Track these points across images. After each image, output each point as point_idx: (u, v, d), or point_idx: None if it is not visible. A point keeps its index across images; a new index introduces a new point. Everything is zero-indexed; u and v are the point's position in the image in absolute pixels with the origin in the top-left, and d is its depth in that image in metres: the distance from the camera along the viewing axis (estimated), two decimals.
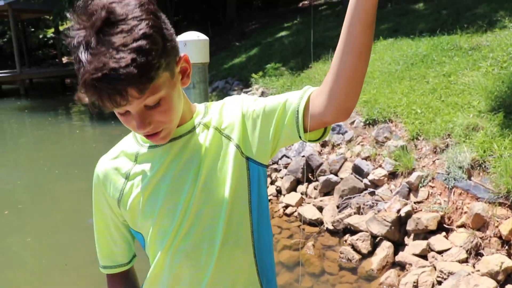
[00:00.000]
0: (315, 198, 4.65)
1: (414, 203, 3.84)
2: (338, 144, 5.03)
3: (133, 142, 1.08)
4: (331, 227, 4.13)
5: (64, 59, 29.29)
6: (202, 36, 2.50)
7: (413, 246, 3.51)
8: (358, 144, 4.86)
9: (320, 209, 4.41)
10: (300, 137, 0.99)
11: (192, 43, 2.39)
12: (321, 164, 4.80)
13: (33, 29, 34.30)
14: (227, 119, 1.04)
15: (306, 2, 20.81)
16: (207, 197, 1.00)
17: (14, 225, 5.22)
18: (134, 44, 0.78)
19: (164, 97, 0.89)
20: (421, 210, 3.73)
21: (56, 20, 20.42)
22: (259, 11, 22.52)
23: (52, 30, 30.33)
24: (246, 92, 8.89)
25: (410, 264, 3.39)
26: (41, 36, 34.96)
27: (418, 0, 11.65)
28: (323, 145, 5.22)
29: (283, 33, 13.52)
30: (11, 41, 25.70)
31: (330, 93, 0.93)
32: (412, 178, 3.95)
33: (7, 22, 26.97)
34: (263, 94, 8.17)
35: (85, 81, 0.79)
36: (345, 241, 3.94)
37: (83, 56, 0.79)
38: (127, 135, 1.12)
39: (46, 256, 4.38)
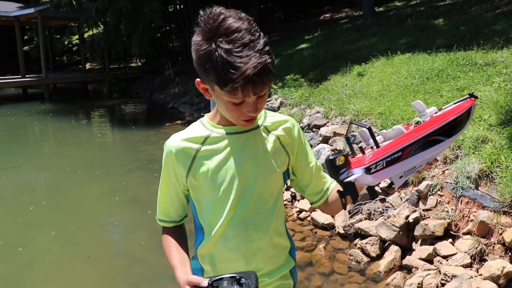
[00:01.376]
0: None
1: (423, 210, 3.99)
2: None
3: (202, 128, 1.35)
4: (342, 231, 4.30)
5: (87, 66, 29.99)
6: None
7: (419, 250, 3.66)
8: None
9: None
10: (313, 202, 1.46)
11: None
12: None
13: (58, 36, 35.20)
14: (288, 139, 1.37)
15: (327, 15, 21.04)
16: (268, 184, 1.32)
17: (40, 220, 5.50)
18: (266, 49, 1.12)
19: (267, 90, 1.21)
20: (429, 217, 3.88)
21: (82, 28, 21.00)
22: (280, 23, 22.81)
23: (77, 37, 31.09)
24: (266, 102, 9.10)
25: (416, 268, 3.54)
26: (66, 43, 35.84)
27: (438, 15, 11.77)
28: None
29: (303, 45, 13.76)
30: (37, 47, 26.49)
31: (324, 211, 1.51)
32: (422, 186, 4.10)
33: (35, 29, 27.85)
34: (281, 104, 8.39)
35: (247, 74, 1.08)
36: (355, 244, 4.10)
37: (230, 57, 1.08)
38: (194, 123, 1.39)
39: (69, 249, 4.63)
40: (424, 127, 1.13)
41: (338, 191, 1.14)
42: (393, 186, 1.19)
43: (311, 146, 6.01)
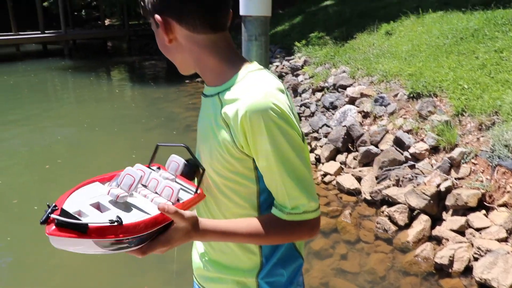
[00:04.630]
0: (354, 168, 4.65)
1: (455, 179, 3.78)
2: (380, 116, 4.97)
3: None
4: (368, 198, 4.13)
5: (107, 22, 29.66)
6: None
7: (451, 221, 3.48)
8: (401, 117, 4.79)
9: (359, 179, 4.41)
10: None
11: None
12: (362, 134, 4.77)
13: None
14: (232, 122, 0.97)
15: None
16: (213, 164, 1.04)
17: (55, 179, 5.39)
18: None
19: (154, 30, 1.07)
20: (461, 187, 3.68)
21: None
22: None
23: None
24: (288, 61, 8.80)
25: (447, 239, 3.37)
26: None
27: None
28: (365, 116, 5.17)
29: (327, 2, 13.25)
30: (56, 2, 26.16)
31: None
32: (455, 153, 3.88)
33: None
34: (305, 63, 8.09)
35: None
36: (382, 212, 3.94)
37: None
38: None
39: None
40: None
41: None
42: None
43: (335, 107, 5.77)
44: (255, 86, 0.95)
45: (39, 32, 21.33)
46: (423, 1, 9.23)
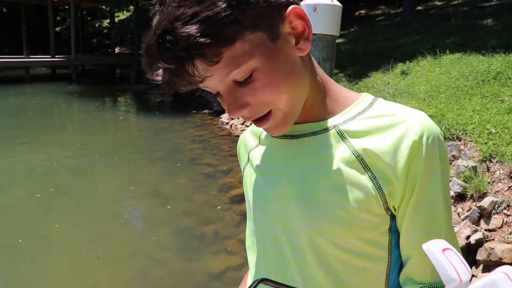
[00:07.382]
0: None
1: (485, 230, 3.44)
2: None
3: None
4: None
5: (117, 49, 29.91)
6: (336, 1, 1.95)
7: (482, 277, 3.11)
8: None
9: None
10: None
11: (323, 9, 1.85)
12: None
13: (89, 18, 35.22)
14: (391, 162, 0.67)
15: (362, 11, 20.37)
16: (325, 233, 0.71)
17: (44, 210, 5.03)
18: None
19: (259, 68, 0.64)
20: (493, 239, 3.33)
21: (114, 9, 20.83)
22: None
23: (108, 20, 31.01)
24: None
25: None
26: (97, 25, 35.87)
27: (485, 15, 11.08)
28: None
29: (339, 40, 13.16)
30: (69, 28, 26.45)
31: None
32: (485, 203, 3.54)
33: (68, 10, 27.80)
34: None
35: (143, 47, 0.69)
36: None
37: None
38: None
39: (75, 246, 4.12)
40: None
41: None
42: None
43: None
44: (406, 108, 0.71)
45: (49, 56, 21.43)
46: (437, 42, 9.08)
